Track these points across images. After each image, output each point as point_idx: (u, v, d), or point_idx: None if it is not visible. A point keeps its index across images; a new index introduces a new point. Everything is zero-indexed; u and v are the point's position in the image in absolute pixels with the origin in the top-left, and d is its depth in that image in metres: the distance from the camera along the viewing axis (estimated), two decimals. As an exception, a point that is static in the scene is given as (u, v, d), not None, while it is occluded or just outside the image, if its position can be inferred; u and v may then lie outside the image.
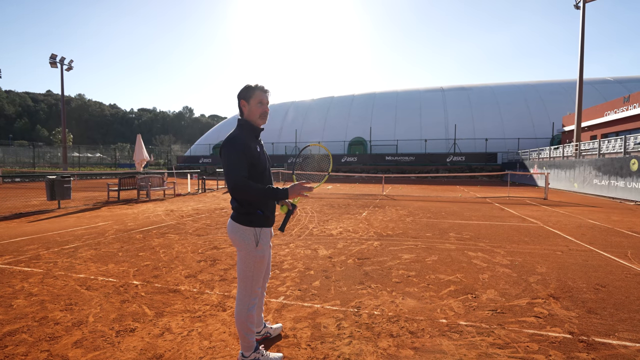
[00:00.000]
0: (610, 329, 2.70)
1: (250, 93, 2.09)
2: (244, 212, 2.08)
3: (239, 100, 2.13)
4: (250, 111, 2.11)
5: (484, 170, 31.92)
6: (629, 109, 21.28)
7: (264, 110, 2.12)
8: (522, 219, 8.33)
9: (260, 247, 2.10)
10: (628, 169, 13.03)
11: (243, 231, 2.07)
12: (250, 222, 2.07)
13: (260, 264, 2.12)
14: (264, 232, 2.12)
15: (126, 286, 3.60)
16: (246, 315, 2.12)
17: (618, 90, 34.24)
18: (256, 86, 2.11)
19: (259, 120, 2.13)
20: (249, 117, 2.12)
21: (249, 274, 2.10)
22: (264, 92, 2.11)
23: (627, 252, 5.14)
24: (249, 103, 2.10)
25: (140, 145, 13.07)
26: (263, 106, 2.11)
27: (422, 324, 2.79)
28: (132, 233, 6.35)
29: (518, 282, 3.79)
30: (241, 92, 2.12)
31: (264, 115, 2.13)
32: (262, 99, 2.10)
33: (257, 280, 2.15)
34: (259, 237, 2.09)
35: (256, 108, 2.10)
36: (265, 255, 2.14)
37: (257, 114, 2.10)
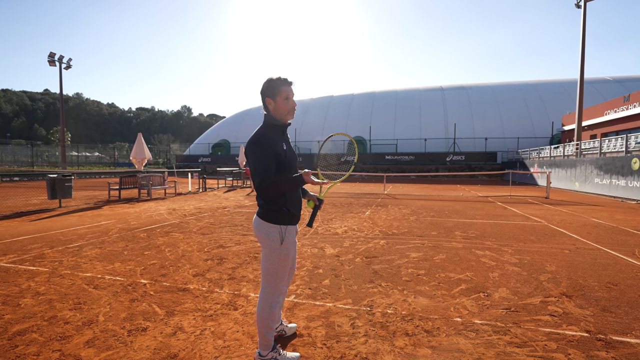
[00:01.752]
0: (627, 328, 2.68)
1: (275, 89, 2.00)
2: (269, 209, 2.04)
3: (264, 98, 2.04)
4: (276, 108, 2.03)
5: (484, 170, 31.94)
6: (629, 108, 21.31)
7: (292, 106, 2.04)
8: (526, 218, 8.32)
9: (285, 245, 2.06)
10: (629, 168, 13.04)
11: (268, 228, 2.03)
12: (275, 219, 2.03)
13: (284, 262, 2.09)
14: (289, 230, 2.08)
15: (134, 285, 3.56)
16: (268, 313, 2.09)
17: (617, 90, 34.31)
18: (280, 80, 2.00)
19: (287, 116, 2.06)
20: (276, 114, 2.05)
21: (273, 271, 2.07)
22: (288, 85, 2.02)
23: (635, 251, 5.13)
24: (275, 100, 2.01)
25: (140, 144, 12.99)
26: (290, 102, 2.03)
27: (437, 323, 2.76)
28: (135, 232, 6.30)
29: (529, 281, 3.77)
30: (265, 88, 2.03)
31: (292, 111, 2.05)
32: (288, 94, 2.02)
33: (282, 278, 2.12)
34: (284, 235, 2.05)
35: (283, 105, 2.02)
36: (290, 253, 2.10)
37: (284, 111, 2.03)
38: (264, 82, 2.04)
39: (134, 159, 13.08)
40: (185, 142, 76.10)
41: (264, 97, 2.05)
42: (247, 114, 51.86)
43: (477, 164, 33.00)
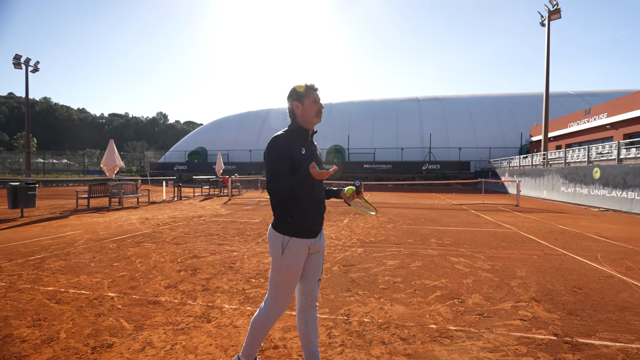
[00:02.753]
0: (591, 330, 2.79)
1: (303, 93, 1.99)
2: (276, 217, 1.99)
3: (291, 103, 2.01)
4: (304, 111, 1.99)
5: (458, 178, 32.93)
6: (590, 121, 22.67)
7: (319, 108, 2.01)
8: (497, 225, 8.60)
9: (287, 257, 1.92)
10: (591, 177, 13.81)
11: (273, 236, 1.97)
12: (280, 228, 1.95)
13: (285, 275, 1.94)
14: (293, 242, 1.93)
15: (101, 299, 3.38)
16: (261, 324, 1.99)
17: (579, 104, 36.45)
18: (307, 85, 2.01)
19: (315, 118, 2.01)
20: (304, 117, 2.00)
21: (274, 282, 1.97)
22: (315, 90, 2.02)
23: (597, 256, 5.39)
24: (303, 103, 1.99)
25: (112, 151, 12.53)
26: (317, 104, 2.01)
27: (412, 330, 2.77)
28: (104, 242, 6.02)
29: (501, 286, 3.87)
30: (292, 94, 2.01)
31: (319, 113, 2.01)
32: (316, 97, 2.00)
33: (283, 292, 1.96)
34: (286, 246, 1.93)
35: (311, 107, 1.99)
36: (292, 267, 1.93)
37: (312, 112, 1.99)
38: (291, 89, 2.03)
39: (104, 167, 12.59)
40: (161, 150, 74.06)
41: (291, 101, 2.01)
42: (224, 122, 51.26)
43: (452, 173, 33.98)
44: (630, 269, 4.65)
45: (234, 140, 45.85)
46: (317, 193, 2.00)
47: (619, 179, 12.12)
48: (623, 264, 4.88)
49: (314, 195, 1.98)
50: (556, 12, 20.87)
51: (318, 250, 2.06)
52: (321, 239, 2.07)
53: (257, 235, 6.88)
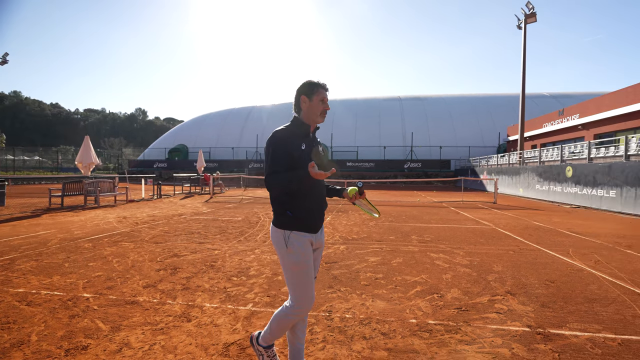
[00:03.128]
0: (562, 321, 2.92)
1: (313, 89, 1.99)
2: (275, 213, 1.98)
3: (299, 95, 2.00)
4: (310, 107, 1.99)
5: (439, 176, 33.59)
6: (563, 122, 23.57)
7: (325, 109, 2.01)
8: (476, 222, 8.84)
9: (292, 251, 1.90)
10: (564, 176, 14.37)
11: (275, 233, 1.96)
12: (280, 223, 1.94)
13: (296, 270, 1.91)
14: (295, 236, 1.91)
15: (75, 300, 3.27)
16: (280, 319, 1.97)
17: (553, 105, 37.83)
18: (319, 83, 2.01)
19: (319, 118, 2.01)
20: (308, 113, 2.00)
21: (290, 280, 1.94)
22: (326, 90, 2.02)
23: (569, 250, 5.62)
24: (310, 99, 1.98)
25: (87, 148, 12.09)
26: (324, 104, 2.01)
27: (393, 325, 2.82)
28: (79, 242, 5.82)
29: (478, 281, 3.99)
30: (303, 87, 2.01)
31: (324, 113, 2.02)
32: (324, 97, 2.00)
33: (300, 291, 1.92)
34: (288, 240, 1.91)
35: (318, 105, 1.99)
36: (301, 262, 1.90)
37: (318, 111, 2.00)
38: (303, 82, 2.02)
39: (79, 164, 12.15)
40: (140, 147, 72.15)
41: (299, 94, 2.00)
42: (206, 119, 50.41)
43: (433, 171, 34.64)
44: (598, 262, 4.88)
45: (215, 137, 45.16)
46: (317, 189, 2.00)
47: (590, 177, 12.67)
48: (592, 258, 5.11)
49: (314, 190, 1.98)
50: (532, 15, 21.55)
51: (319, 246, 2.07)
52: (321, 235, 2.07)
53: (239, 234, 6.81)
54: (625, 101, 17.85)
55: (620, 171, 11.18)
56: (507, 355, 2.36)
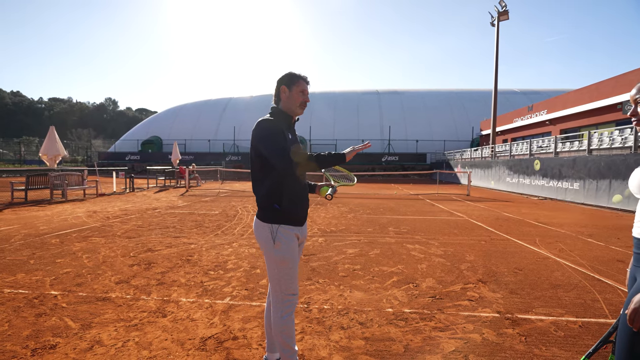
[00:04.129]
0: (529, 306, 3.07)
1: (293, 80, 1.97)
2: (261, 207, 1.91)
3: (279, 86, 1.98)
4: (290, 98, 1.96)
5: (415, 169, 34.29)
6: (532, 117, 24.57)
7: (304, 100, 1.98)
8: (450, 214, 9.11)
9: (279, 246, 1.86)
10: (532, 169, 15.03)
11: (262, 228, 1.89)
12: (266, 217, 1.89)
13: (283, 265, 1.88)
14: (282, 230, 1.87)
15: (42, 298, 3.12)
16: (280, 326, 1.87)
17: (523, 101, 39.25)
18: (300, 75, 1.99)
19: (298, 109, 1.98)
20: (287, 103, 1.97)
21: (274, 275, 1.89)
22: (307, 82, 2.00)
23: (536, 240, 5.91)
24: (290, 90, 1.96)
25: (53, 139, 11.46)
26: (304, 96, 1.98)
27: (370, 315, 2.87)
28: (46, 238, 5.55)
29: (452, 270, 4.13)
30: (283, 78, 1.98)
31: (303, 104, 1.99)
32: (304, 89, 1.98)
33: (286, 284, 1.89)
34: (276, 235, 1.87)
35: (297, 96, 1.96)
36: (286, 257, 1.88)
37: (297, 102, 1.97)
38: (285, 73, 2.00)
39: (44, 156, 11.51)
40: (110, 139, 69.26)
41: (280, 84, 1.98)
42: (181, 109, 48.94)
43: (409, 164, 35.31)
44: (562, 250, 5.16)
45: (191, 129, 43.98)
46: (301, 181, 1.99)
47: (556, 170, 13.32)
48: (557, 247, 5.40)
49: (300, 182, 1.96)
50: (504, 13, 22.18)
51: (304, 240, 2.06)
52: (305, 230, 2.05)
53: (216, 227, 6.71)
54: (589, 98, 18.81)
55: (583, 164, 11.81)
56: (478, 340, 2.46)
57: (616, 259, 4.71)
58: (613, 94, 17.12)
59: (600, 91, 18.06)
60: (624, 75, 16.61)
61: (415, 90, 48.32)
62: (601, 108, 17.99)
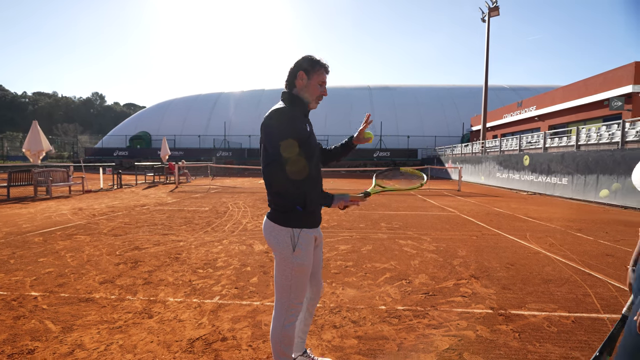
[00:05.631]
0: (521, 302, 3.06)
1: (315, 67, 1.72)
2: (278, 208, 1.69)
3: (297, 70, 1.72)
4: (307, 87, 1.73)
5: (407, 165, 34.45)
6: (521, 113, 24.83)
7: (322, 94, 1.77)
8: (441, 209, 9.13)
9: (299, 253, 1.68)
10: (522, 164, 15.19)
11: (278, 232, 1.68)
12: (286, 220, 1.67)
13: (299, 273, 1.70)
14: (304, 235, 1.69)
15: (21, 299, 2.99)
16: (281, 334, 1.72)
17: (512, 97, 39.72)
18: (322, 63, 1.73)
19: (313, 103, 1.77)
20: (303, 93, 1.74)
21: (286, 283, 1.71)
22: (327, 72, 1.77)
23: (526, 235, 5.95)
24: (309, 77, 1.72)
25: (36, 134, 11.13)
26: (323, 89, 1.76)
27: (363, 312, 2.82)
28: (28, 236, 5.36)
29: (444, 266, 4.10)
30: (303, 61, 1.72)
31: (320, 98, 1.77)
32: (324, 80, 1.76)
33: (297, 293, 1.73)
34: (297, 240, 1.67)
35: (315, 87, 1.74)
36: (305, 263, 1.70)
37: (314, 94, 1.75)
38: (304, 56, 1.74)
39: (27, 151, 11.18)
40: (98, 134, 67.88)
41: (297, 68, 1.72)
42: (170, 104, 48.21)
43: (401, 160, 35.45)
44: (553, 245, 5.19)
45: (180, 124, 43.39)
46: (320, 174, 1.82)
47: (545, 165, 13.48)
48: (547, 242, 5.43)
49: (319, 176, 1.78)
50: (495, 9, 22.26)
51: (320, 241, 1.91)
52: (320, 230, 1.91)
53: (205, 224, 6.59)
54: (577, 94, 19.06)
55: (571, 160, 11.97)
56: (472, 337, 2.43)
57: (605, 253, 4.76)
58: (601, 90, 17.37)
59: (588, 88, 18.31)
60: (612, 72, 16.86)
61: (407, 86, 48.46)
62: (589, 104, 18.26)
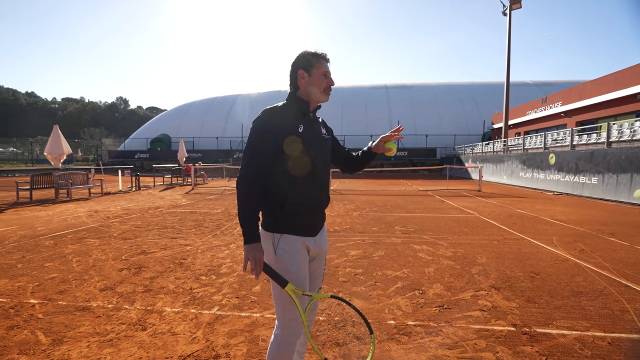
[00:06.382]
0: (549, 318, 2.74)
1: (312, 62, 1.61)
2: (263, 212, 1.60)
3: (296, 71, 1.63)
4: (310, 84, 1.61)
5: (425, 165, 33.70)
6: (546, 109, 23.77)
7: (329, 84, 1.63)
8: (460, 211, 8.73)
9: (280, 261, 1.53)
10: (547, 163, 14.45)
11: (263, 237, 1.58)
12: (268, 225, 1.58)
13: (287, 277, 1.53)
14: (285, 240, 1.54)
15: (19, 307, 2.93)
16: (276, 355, 1.54)
17: (536, 93, 38.15)
18: (319, 54, 1.63)
19: (322, 95, 1.63)
20: (308, 91, 1.62)
21: (277, 295, 1.56)
22: (327, 61, 1.65)
23: (553, 239, 5.53)
24: (310, 74, 1.61)
25: (57, 137, 11.42)
26: (328, 79, 1.63)
27: (370, 328, 2.59)
28: (40, 239, 5.40)
29: (461, 274, 3.81)
30: (299, 60, 1.63)
31: (328, 90, 1.64)
32: (327, 71, 1.63)
33: (289, 307, 1.54)
34: (277, 245, 1.55)
35: (320, 80, 1.61)
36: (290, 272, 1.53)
37: (320, 87, 1.62)
38: (299, 54, 1.64)
39: (49, 155, 11.49)
40: (122, 137, 70.06)
41: (296, 69, 1.63)
42: (190, 107, 49.17)
43: (419, 160, 34.74)
44: (583, 251, 4.78)
45: (199, 127, 44.14)
46: (319, 177, 1.62)
47: (572, 164, 12.75)
48: (576, 247, 5.01)
49: (315, 180, 1.60)
50: (517, 2, 21.40)
51: (319, 253, 1.70)
52: (322, 239, 1.70)
53: (215, 227, 6.49)
54: (607, 89, 18.02)
55: (602, 158, 11.24)
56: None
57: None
58: (633, 83, 16.34)
59: (618, 81, 17.27)
60: (644, 64, 15.82)
61: (425, 84, 47.49)
62: (620, 98, 17.22)
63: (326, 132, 1.77)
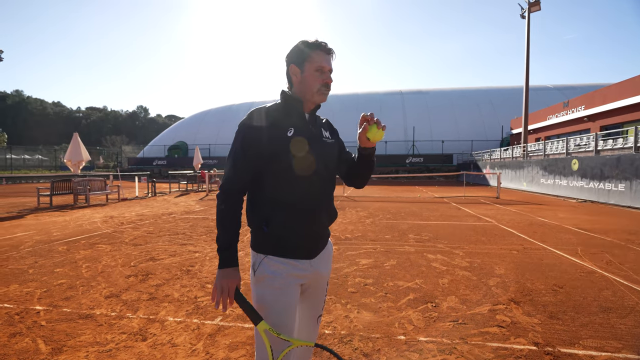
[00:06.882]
0: (574, 337, 2.53)
1: (304, 54, 1.34)
2: (251, 228, 1.37)
3: (288, 65, 1.39)
4: (303, 81, 1.35)
5: (441, 171, 33.10)
6: (568, 114, 23.00)
7: (324, 81, 1.35)
8: (477, 218, 8.43)
9: (258, 286, 1.31)
10: (570, 169, 13.89)
11: (251, 257, 1.39)
12: (254, 244, 1.36)
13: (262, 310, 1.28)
14: (269, 263, 1.31)
15: (24, 313, 2.92)
16: None
17: (557, 97, 37.05)
18: (315, 43, 1.35)
19: (316, 95, 1.36)
20: (301, 89, 1.37)
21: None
22: (325, 53, 1.36)
23: (577, 249, 5.22)
24: (302, 69, 1.35)
25: (77, 145, 11.76)
26: (324, 75, 1.35)
27: (377, 343, 2.44)
28: (54, 245, 5.48)
29: (478, 286, 3.60)
30: (291, 52, 1.38)
31: (323, 88, 1.36)
32: (323, 65, 1.34)
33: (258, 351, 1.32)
34: (257, 267, 1.32)
35: (313, 77, 1.34)
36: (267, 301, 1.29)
37: (314, 85, 1.34)
38: (294, 45, 1.39)
39: (69, 162, 11.83)
40: (141, 145, 71.98)
41: (288, 64, 1.39)
42: (206, 115, 50.11)
43: (435, 166, 34.17)
44: (610, 263, 4.47)
45: (215, 134, 44.83)
46: (315, 187, 1.36)
47: (597, 170, 12.19)
48: (603, 258, 4.70)
49: (312, 192, 1.34)
50: (536, 4, 20.92)
51: (316, 280, 1.41)
52: (321, 262, 1.41)
53: (226, 234, 6.45)
54: (633, 91, 17.29)
55: (629, 163, 10.70)
56: (510, 383, 1.98)
57: (679, 275, 3.99)
58: (661, 85, 15.60)
59: (646, 83, 16.54)
60: (674, 65, 15.08)
61: (441, 90, 46.93)
62: (647, 101, 16.46)
63: (329, 135, 1.52)
